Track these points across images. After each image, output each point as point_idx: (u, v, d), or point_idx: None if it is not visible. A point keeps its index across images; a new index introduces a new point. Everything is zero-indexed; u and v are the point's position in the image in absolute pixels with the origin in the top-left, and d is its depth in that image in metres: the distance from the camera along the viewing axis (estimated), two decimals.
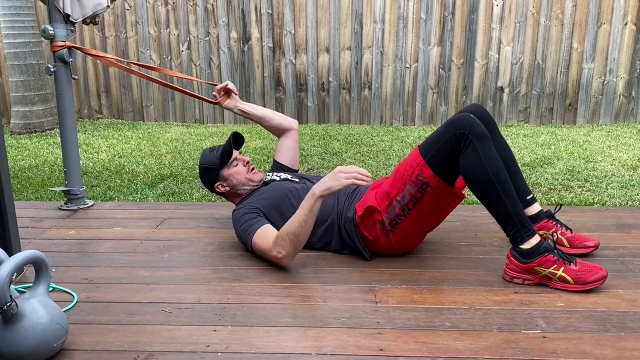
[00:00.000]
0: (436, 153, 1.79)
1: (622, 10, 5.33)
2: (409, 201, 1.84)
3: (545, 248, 1.71)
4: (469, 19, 5.50)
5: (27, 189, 3.45)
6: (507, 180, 1.73)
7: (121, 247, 2.12)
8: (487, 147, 1.73)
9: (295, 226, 1.79)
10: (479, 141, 1.72)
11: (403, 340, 1.43)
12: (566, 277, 1.69)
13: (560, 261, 1.71)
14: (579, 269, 1.70)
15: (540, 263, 1.71)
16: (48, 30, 2.40)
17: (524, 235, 1.72)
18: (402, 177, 1.86)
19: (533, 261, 1.72)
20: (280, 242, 1.82)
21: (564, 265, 1.70)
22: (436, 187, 1.81)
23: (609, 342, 1.41)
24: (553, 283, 1.72)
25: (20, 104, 5.44)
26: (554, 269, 1.70)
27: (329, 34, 5.66)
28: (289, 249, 1.81)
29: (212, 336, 1.46)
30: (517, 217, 1.72)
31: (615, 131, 5.16)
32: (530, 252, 1.71)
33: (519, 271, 1.75)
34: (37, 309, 1.33)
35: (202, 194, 3.29)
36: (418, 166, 1.82)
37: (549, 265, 1.70)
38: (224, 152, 2.11)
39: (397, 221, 1.87)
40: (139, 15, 5.85)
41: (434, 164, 1.80)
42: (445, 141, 1.78)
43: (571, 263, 1.71)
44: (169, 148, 4.64)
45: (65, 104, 2.54)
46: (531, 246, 1.71)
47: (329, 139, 4.94)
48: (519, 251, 1.74)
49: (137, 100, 6.08)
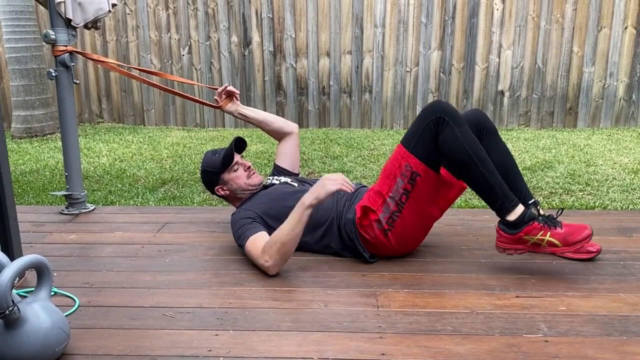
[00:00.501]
0: (418, 141, 1.85)
1: (622, 14, 5.34)
2: (402, 194, 1.86)
3: (530, 217, 1.77)
4: (469, 22, 5.50)
5: (28, 193, 3.45)
6: (485, 155, 1.80)
7: (122, 251, 2.12)
8: (463, 127, 1.80)
9: (282, 235, 1.81)
10: (454, 122, 1.79)
11: (405, 344, 1.43)
12: (554, 241, 1.76)
13: (546, 227, 1.77)
14: (565, 232, 1.76)
15: (527, 232, 1.77)
16: (49, 35, 2.41)
17: (509, 206, 1.78)
18: (390, 173, 1.89)
19: (520, 231, 1.78)
20: (267, 250, 1.83)
21: (550, 230, 1.77)
22: (425, 175, 1.84)
23: (610, 346, 1.41)
24: (542, 249, 1.79)
25: (21, 108, 5.45)
26: (540, 235, 1.77)
27: (330, 38, 5.67)
28: (275, 258, 1.82)
29: (213, 340, 1.46)
30: (500, 188, 1.78)
31: (616, 134, 5.16)
32: (516, 223, 1.77)
33: (508, 242, 1.82)
34: (38, 313, 1.33)
35: (203, 197, 3.29)
36: (403, 157, 1.87)
37: (536, 233, 1.75)
38: (225, 156, 2.12)
39: (394, 218, 1.88)
40: (140, 19, 5.86)
41: (418, 152, 1.84)
42: (424, 128, 1.84)
43: (556, 227, 1.77)
44: (170, 152, 4.64)
45: (66, 108, 2.54)
46: (516, 216, 1.77)
47: (329, 142, 4.94)
48: (506, 223, 1.81)
49: (138, 104, 6.09)
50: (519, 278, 1.83)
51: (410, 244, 1.98)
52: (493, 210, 1.82)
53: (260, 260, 1.85)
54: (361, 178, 3.64)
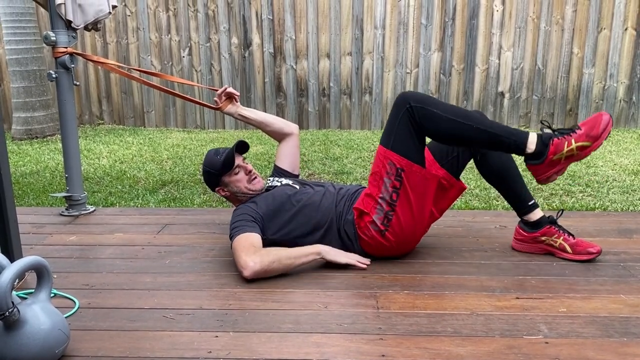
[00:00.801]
0: (395, 137, 1.86)
1: (622, 15, 5.35)
2: (392, 193, 1.86)
3: (546, 137, 1.79)
4: (469, 24, 5.51)
5: (28, 194, 3.45)
6: (470, 113, 1.83)
7: (122, 253, 2.12)
8: (434, 103, 1.82)
9: (283, 256, 1.84)
10: (425, 104, 1.81)
11: (405, 346, 1.43)
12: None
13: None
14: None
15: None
16: (50, 37, 2.41)
17: (521, 141, 1.77)
18: (376, 174, 1.91)
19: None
20: (262, 254, 1.83)
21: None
22: (409, 169, 1.84)
23: (611, 348, 1.41)
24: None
25: (21, 109, 5.45)
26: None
27: (330, 40, 5.67)
28: (263, 265, 1.80)
29: (213, 342, 1.46)
30: (504, 131, 1.79)
31: (616, 136, 5.16)
32: (539, 152, 1.78)
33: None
34: (38, 314, 1.33)
35: (203, 199, 3.29)
36: (385, 157, 1.88)
37: (561, 148, 1.76)
38: (225, 159, 2.11)
39: (389, 218, 1.88)
40: (140, 20, 5.86)
41: (398, 148, 1.86)
42: (399, 123, 1.85)
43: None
44: (170, 153, 4.65)
45: (66, 109, 2.55)
46: (534, 146, 1.78)
47: (329, 144, 4.94)
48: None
49: (138, 105, 6.09)
50: (519, 279, 1.83)
51: (410, 241, 1.97)
52: (509, 152, 1.83)
53: (246, 257, 1.81)
54: (361, 179, 3.64)
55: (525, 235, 2.04)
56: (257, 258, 1.81)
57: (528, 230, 2.03)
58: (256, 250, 1.85)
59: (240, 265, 1.82)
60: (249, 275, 1.80)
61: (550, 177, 1.81)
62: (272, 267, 1.82)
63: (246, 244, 1.86)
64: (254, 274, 1.81)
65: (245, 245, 1.86)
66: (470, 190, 3.37)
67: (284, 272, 1.86)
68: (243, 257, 1.82)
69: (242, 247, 1.86)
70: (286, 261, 1.85)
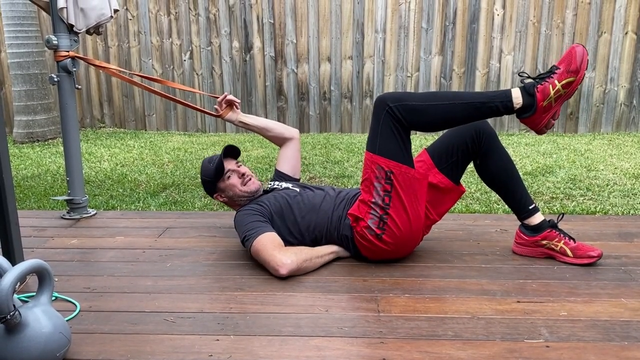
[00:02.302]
0: (380, 141, 1.87)
1: (622, 20, 5.36)
2: (384, 196, 1.87)
3: (529, 87, 1.79)
4: (470, 28, 5.52)
5: (30, 197, 3.45)
6: (445, 93, 1.87)
7: (123, 256, 2.12)
8: (411, 96, 1.85)
9: (314, 255, 1.93)
10: (403, 100, 1.83)
11: (405, 350, 1.43)
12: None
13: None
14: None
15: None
16: (52, 40, 2.42)
17: (504, 102, 1.77)
18: (367, 180, 1.92)
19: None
20: (297, 252, 1.89)
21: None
22: (398, 171, 1.85)
23: (612, 351, 1.41)
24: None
25: (22, 113, 5.46)
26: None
27: (330, 43, 5.68)
28: (299, 263, 1.86)
29: (214, 345, 1.46)
30: (486, 97, 1.80)
31: (617, 139, 5.16)
32: (528, 104, 1.78)
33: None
34: (40, 318, 1.33)
35: (204, 202, 3.30)
36: (372, 162, 1.89)
37: (548, 92, 1.76)
38: (217, 166, 2.13)
39: (384, 221, 1.89)
40: (142, 24, 5.88)
41: (384, 151, 1.86)
42: (381, 127, 1.86)
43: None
44: (171, 157, 4.65)
45: (68, 113, 2.55)
46: (520, 100, 1.78)
47: (330, 147, 4.95)
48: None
49: (139, 109, 6.10)
50: (520, 283, 1.83)
51: (408, 242, 1.96)
52: (500, 115, 1.83)
53: (281, 256, 1.84)
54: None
55: (526, 239, 2.04)
56: (293, 256, 1.85)
57: (529, 234, 2.03)
58: (287, 249, 1.89)
59: (276, 264, 1.84)
60: (286, 273, 1.84)
61: (548, 124, 1.82)
62: (305, 265, 1.88)
63: (275, 243, 1.89)
64: (291, 272, 1.84)
65: (274, 244, 1.89)
66: (471, 194, 3.37)
67: (311, 270, 1.92)
68: (277, 255, 1.85)
69: (270, 246, 1.88)
70: (315, 260, 1.92)
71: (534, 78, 1.81)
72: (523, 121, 1.82)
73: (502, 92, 1.79)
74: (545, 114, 1.79)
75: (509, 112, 1.80)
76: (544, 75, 1.79)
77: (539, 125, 1.81)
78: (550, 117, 1.80)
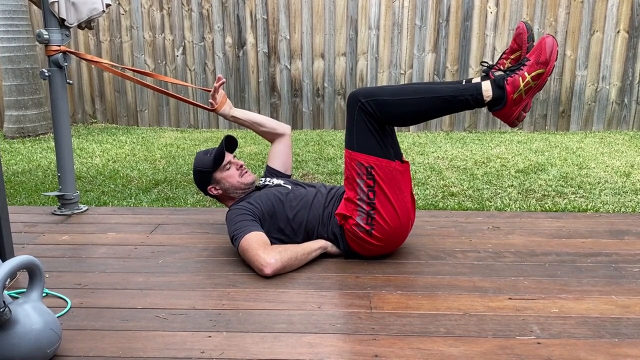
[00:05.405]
0: (357, 138, 1.89)
1: (614, 18, 5.38)
2: (368, 192, 1.88)
3: (499, 79, 1.76)
4: (463, 25, 5.53)
5: (20, 193, 3.43)
6: (417, 86, 1.85)
7: (115, 253, 2.11)
8: (383, 90, 1.85)
9: (299, 252, 1.91)
10: (374, 95, 1.83)
11: (398, 346, 1.43)
12: (533, 73, 1.72)
13: (518, 73, 1.75)
14: (533, 60, 1.73)
15: (511, 91, 1.75)
16: (43, 35, 2.40)
17: (473, 95, 1.75)
18: (349, 179, 1.93)
19: (507, 97, 1.75)
20: (281, 251, 1.87)
21: (523, 71, 1.74)
22: (378, 165, 1.86)
23: (602, 348, 1.42)
24: (537, 88, 1.75)
25: (13, 107, 5.42)
26: (522, 81, 1.74)
27: (324, 40, 5.67)
28: (283, 262, 1.85)
29: (206, 342, 1.46)
30: (455, 91, 1.78)
31: (608, 138, 5.19)
32: (498, 96, 1.75)
33: (512, 112, 1.78)
34: (30, 314, 1.32)
35: (197, 199, 3.28)
36: (352, 159, 1.91)
37: (517, 84, 1.74)
38: (216, 155, 2.12)
39: (371, 217, 1.89)
40: (134, 19, 5.84)
41: (362, 147, 1.88)
42: (356, 123, 1.88)
43: (525, 63, 1.74)
44: (163, 153, 4.63)
45: (59, 108, 2.53)
46: (490, 93, 1.75)
47: (323, 144, 4.94)
48: (493, 103, 1.77)
49: (131, 104, 6.07)
50: (511, 280, 1.83)
51: (399, 235, 1.97)
52: (471, 109, 1.81)
53: (265, 255, 1.83)
54: None
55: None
56: (277, 255, 1.85)
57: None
58: (272, 248, 1.88)
59: (260, 264, 1.83)
60: (270, 273, 1.83)
61: (519, 117, 1.80)
62: (290, 263, 1.88)
63: (260, 242, 1.88)
64: (275, 271, 1.84)
65: (259, 244, 1.88)
66: (463, 191, 3.38)
67: (297, 268, 1.91)
68: (261, 255, 1.84)
69: (256, 245, 1.87)
70: (301, 257, 1.92)
71: (504, 70, 1.79)
72: (495, 114, 1.80)
73: (473, 85, 1.79)
74: (516, 106, 1.78)
75: (480, 105, 1.78)
76: (513, 67, 1.77)
77: (511, 118, 1.80)
78: (522, 110, 1.78)
